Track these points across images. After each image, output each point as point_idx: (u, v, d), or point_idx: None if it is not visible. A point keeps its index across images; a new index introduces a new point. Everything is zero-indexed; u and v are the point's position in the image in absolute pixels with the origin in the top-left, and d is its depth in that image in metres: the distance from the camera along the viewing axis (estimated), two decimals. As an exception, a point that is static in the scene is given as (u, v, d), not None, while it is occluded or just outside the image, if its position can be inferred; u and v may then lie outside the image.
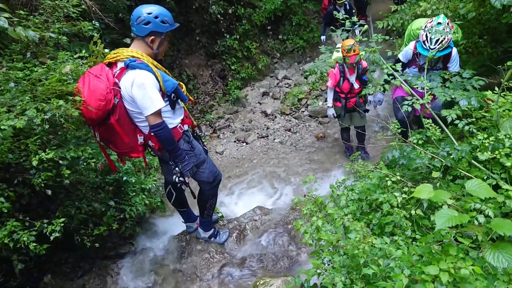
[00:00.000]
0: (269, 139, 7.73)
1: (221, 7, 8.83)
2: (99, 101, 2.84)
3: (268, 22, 10.13)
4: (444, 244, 1.85)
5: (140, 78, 2.90)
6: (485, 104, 2.51)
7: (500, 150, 2.16)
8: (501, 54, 3.83)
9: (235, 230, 4.33)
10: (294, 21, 10.58)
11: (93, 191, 3.86)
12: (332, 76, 5.55)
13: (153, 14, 2.99)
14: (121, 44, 5.24)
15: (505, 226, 1.70)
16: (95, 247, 3.60)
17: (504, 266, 1.61)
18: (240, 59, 9.71)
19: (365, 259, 1.91)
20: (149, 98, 2.91)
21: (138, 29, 3.00)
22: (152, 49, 3.10)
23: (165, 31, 3.10)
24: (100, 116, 2.92)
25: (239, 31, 9.56)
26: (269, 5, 9.92)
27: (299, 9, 10.78)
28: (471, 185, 1.93)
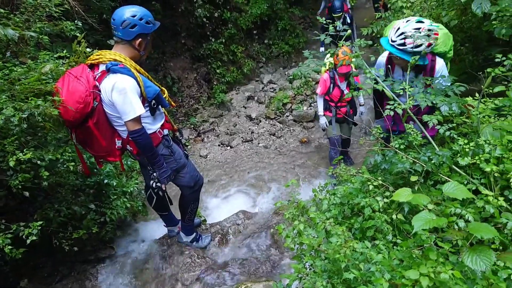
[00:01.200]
0: (254, 143, 7.73)
1: (207, 10, 8.82)
2: (77, 103, 2.78)
3: (254, 26, 10.16)
4: (424, 248, 1.85)
5: (121, 83, 2.84)
6: (466, 110, 2.53)
7: (480, 155, 2.18)
8: (482, 61, 3.89)
9: (218, 234, 4.29)
10: (280, 26, 10.63)
11: (73, 193, 3.78)
12: (322, 83, 5.38)
13: (138, 16, 2.92)
14: (105, 45, 5.18)
15: (483, 230, 1.71)
16: (74, 251, 3.53)
17: (482, 269, 1.61)
18: (226, 63, 9.70)
19: (346, 263, 1.90)
20: (130, 104, 2.86)
21: (124, 33, 2.92)
22: (139, 51, 3.06)
23: (150, 32, 3.06)
24: (78, 119, 2.86)
25: (225, 35, 9.56)
26: (255, 9, 9.95)
27: (285, 14, 10.84)
28: (449, 188, 1.95)
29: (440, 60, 3.29)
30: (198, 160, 7.37)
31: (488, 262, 1.64)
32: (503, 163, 2.15)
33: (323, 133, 7.47)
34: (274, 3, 10.35)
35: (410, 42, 2.92)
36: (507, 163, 2.12)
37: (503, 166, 2.12)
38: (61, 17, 3.89)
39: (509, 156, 2.15)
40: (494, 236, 1.72)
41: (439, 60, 3.28)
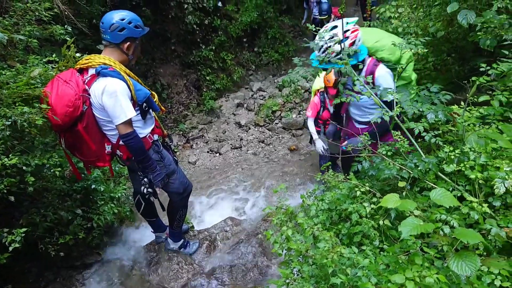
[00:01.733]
0: (243, 150, 7.74)
1: (197, 17, 8.85)
2: (66, 107, 2.77)
3: (244, 34, 10.22)
4: (410, 254, 1.88)
5: (112, 86, 2.83)
6: (452, 118, 2.57)
7: (465, 162, 2.22)
8: (467, 72, 3.95)
9: (205, 241, 4.28)
10: (270, 34, 10.70)
11: (60, 198, 3.75)
12: (313, 107, 5.32)
13: (126, 19, 2.93)
14: (95, 50, 5.17)
15: (468, 235, 1.74)
16: (60, 257, 3.50)
17: (467, 274, 1.63)
18: (216, 70, 9.73)
19: (334, 268, 1.92)
20: (120, 107, 2.85)
21: (112, 36, 2.92)
22: (128, 55, 3.06)
23: (139, 36, 3.06)
24: (67, 123, 2.84)
25: (215, 42, 9.59)
26: (245, 17, 10.01)
27: (275, 23, 10.92)
28: (436, 194, 1.97)
29: (383, 68, 3.20)
30: (187, 167, 7.36)
31: (473, 267, 1.66)
32: (487, 170, 2.18)
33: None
34: (264, 12, 10.43)
35: (331, 52, 2.89)
36: (491, 171, 2.15)
37: (487, 173, 2.15)
38: (50, 21, 3.88)
39: (493, 164, 2.19)
40: (479, 242, 1.75)
41: (381, 68, 3.20)
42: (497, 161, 2.19)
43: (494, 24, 3.03)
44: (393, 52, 3.16)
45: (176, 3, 8.46)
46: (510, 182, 1.99)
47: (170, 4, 8.39)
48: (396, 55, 3.17)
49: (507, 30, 2.88)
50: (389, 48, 3.11)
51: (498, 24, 3.00)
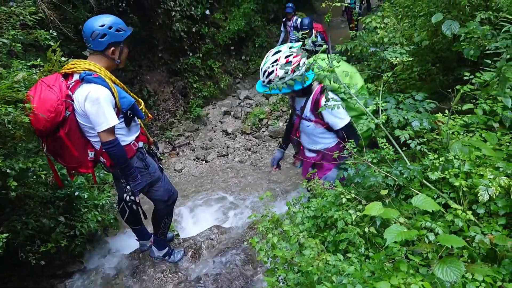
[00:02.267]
0: (229, 158, 7.71)
1: (185, 25, 8.86)
2: (48, 112, 2.73)
3: (231, 42, 10.24)
4: (395, 261, 1.88)
5: (95, 93, 2.79)
6: (436, 126, 2.60)
7: (450, 170, 2.23)
8: (452, 81, 3.99)
9: (191, 249, 4.23)
10: (257, 43, 10.74)
11: (42, 205, 3.68)
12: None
13: (107, 25, 2.86)
14: (80, 55, 5.11)
15: (452, 240, 1.75)
16: (41, 265, 3.42)
17: (452, 280, 1.64)
18: (203, 78, 9.72)
19: (319, 275, 1.90)
20: (103, 114, 2.81)
21: (95, 44, 2.87)
22: (114, 60, 3.02)
23: (123, 39, 3.01)
24: (48, 128, 2.80)
25: (203, 50, 9.60)
26: (233, 26, 10.04)
27: (263, 31, 10.98)
28: (417, 200, 1.98)
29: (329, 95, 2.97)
30: (173, 174, 7.30)
31: (458, 272, 1.67)
32: (471, 178, 2.20)
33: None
34: (252, 20, 10.48)
35: (274, 76, 2.87)
36: (475, 178, 2.17)
37: (471, 181, 2.17)
38: (35, 26, 3.84)
39: (477, 171, 2.21)
40: (463, 248, 1.76)
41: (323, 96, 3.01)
42: (480, 169, 2.21)
43: (477, 35, 3.08)
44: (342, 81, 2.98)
45: (163, 11, 8.46)
46: (494, 190, 2.01)
47: (157, 11, 8.39)
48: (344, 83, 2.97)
49: (490, 41, 2.92)
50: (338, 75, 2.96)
51: (481, 35, 3.05)
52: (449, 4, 3.69)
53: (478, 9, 3.50)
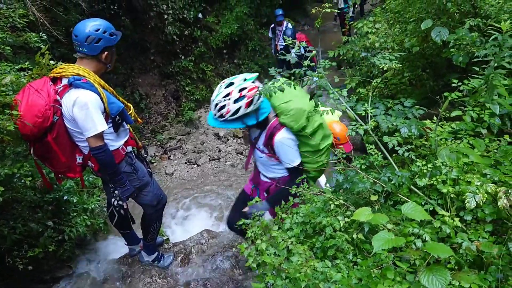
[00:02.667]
0: (221, 161, 7.70)
1: (177, 28, 8.84)
2: (35, 117, 2.70)
3: (224, 46, 10.23)
4: (383, 267, 1.88)
5: (83, 98, 2.76)
6: (425, 132, 2.61)
7: (438, 177, 2.24)
8: (442, 87, 4.03)
9: (180, 253, 4.21)
10: (250, 46, 10.74)
11: (30, 210, 3.65)
12: None
13: (101, 29, 2.85)
14: (71, 58, 5.10)
15: (439, 249, 1.75)
16: (29, 270, 3.38)
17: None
18: (195, 81, 9.70)
19: (307, 282, 1.90)
20: (91, 120, 2.79)
21: (90, 48, 2.84)
22: (106, 64, 3.01)
23: (115, 44, 3.00)
24: (36, 133, 2.77)
25: (195, 53, 9.58)
26: (225, 29, 10.03)
27: (255, 35, 10.98)
28: (407, 208, 1.99)
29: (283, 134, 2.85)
30: (164, 178, 7.27)
31: (444, 281, 1.67)
32: (459, 184, 2.21)
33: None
34: (245, 24, 10.48)
35: (226, 111, 2.65)
36: (463, 185, 2.18)
37: (459, 188, 2.18)
38: (25, 28, 3.81)
39: (465, 178, 2.22)
40: (450, 256, 1.76)
41: (282, 133, 2.84)
42: (468, 176, 2.22)
43: (466, 41, 3.11)
44: (297, 119, 2.81)
45: (156, 14, 8.43)
46: (481, 197, 2.02)
47: (150, 14, 8.36)
48: (300, 123, 2.81)
49: (478, 47, 2.95)
50: (295, 113, 2.80)
51: (470, 42, 3.07)
52: (439, 10, 3.72)
53: (467, 16, 3.54)
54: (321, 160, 3.02)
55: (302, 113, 2.80)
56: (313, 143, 2.91)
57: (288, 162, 2.95)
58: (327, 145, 3.04)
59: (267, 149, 3.00)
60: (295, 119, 2.80)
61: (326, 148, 3.04)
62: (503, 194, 1.97)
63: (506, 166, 2.35)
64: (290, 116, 2.80)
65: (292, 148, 2.91)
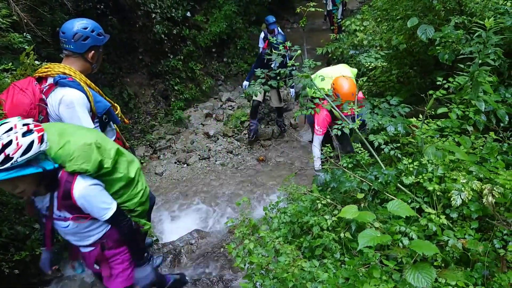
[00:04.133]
0: (211, 160, 7.66)
1: (165, 27, 8.77)
2: (21, 116, 2.66)
3: (213, 44, 10.18)
4: (370, 266, 1.88)
5: (69, 97, 2.72)
6: (411, 130, 2.62)
7: (424, 175, 2.25)
8: (429, 84, 4.04)
9: (170, 254, 4.19)
10: (239, 44, 10.71)
11: (16, 212, 3.61)
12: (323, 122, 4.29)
13: (89, 28, 2.85)
14: (58, 58, 5.02)
15: (424, 247, 1.76)
16: (15, 274, 3.34)
17: (423, 286, 1.65)
18: (184, 80, 9.64)
19: (294, 282, 1.90)
20: (78, 118, 2.75)
21: (76, 46, 2.83)
22: (92, 64, 2.99)
23: (102, 44, 2.99)
24: None
25: (184, 52, 9.52)
26: (214, 27, 9.99)
27: (244, 33, 10.95)
28: (393, 206, 1.99)
29: (81, 183, 2.22)
30: (153, 178, 7.22)
31: (429, 279, 1.68)
32: (445, 182, 2.22)
33: (280, 151, 7.54)
34: (234, 22, 10.44)
35: (14, 150, 1.91)
36: (449, 182, 2.19)
37: (445, 185, 2.19)
38: (9, 28, 3.76)
39: (451, 176, 2.23)
40: (435, 253, 1.77)
41: (80, 184, 2.22)
42: (454, 173, 2.24)
43: (452, 39, 3.12)
44: (87, 158, 2.25)
45: (143, 13, 8.37)
46: (466, 194, 2.03)
47: (137, 13, 8.29)
48: (94, 160, 2.27)
49: (464, 45, 2.96)
50: (80, 153, 2.23)
51: (455, 39, 3.09)
52: (425, 8, 3.73)
53: (452, 13, 3.55)
54: (138, 190, 2.59)
55: (89, 148, 2.27)
56: (121, 175, 2.44)
57: (104, 214, 2.38)
58: (137, 170, 2.62)
59: (69, 211, 2.32)
60: (85, 159, 2.23)
61: (138, 174, 2.61)
62: (488, 192, 1.98)
63: (492, 163, 2.37)
64: (77, 159, 2.21)
65: (101, 195, 2.36)
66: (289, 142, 7.95)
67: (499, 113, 2.75)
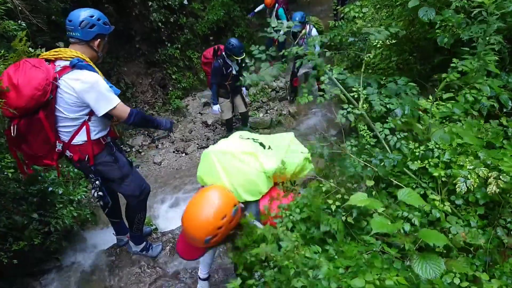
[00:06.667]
0: (209, 150, 7.64)
1: (162, 15, 8.66)
2: (35, 89, 2.67)
3: (210, 32, 10.09)
4: (372, 252, 1.86)
5: (91, 77, 2.83)
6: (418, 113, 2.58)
7: (430, 159, 2.22)
8: (429, 70, 4.00)
9: (169, 243, 4.17)
10: (237, 33, 10.62)
11: (14, 202, 3.57)
12: None
13: (95, 16, 2.94)
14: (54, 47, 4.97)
15: (432, 236, 1.73)
16: (14, 264, 3.32)
17: (431, 277, 1.62)
18: (182, 69, 9.55)
19: (296, 270, 1.87)
20: (106, 94, 2.88)
21: (83, 33, 2.90)
22: (97, 52, 3.05)
23: (108, 33, 3.07)
24: (31, 107, 2.72)
25: (181, 40, 9.41)
26: (212, 15, 9.89)
27: (242, 21, 10.85)
28: (403, 194, 1.97)
29: None
30: (152, 167, 7.20)
31: (438, 270, 1.65)
32: (451, 168, 2.19)
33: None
34: (231, 10, 10.34)
35: None
36: (455, 168, 2.16)
37: (451, 171, 2.16)
38: (3, 16, 3.70)
39: (457, 161, 2.19)
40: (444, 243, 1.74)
41: None
42: (461, 158, 2.19)
43: (451, 23, 3.07)
44: None
45: (140, 0, 8.26)
46: (472, 182, 2.00)
47: (134, 1, 8.18)
48: None
49: (463, 29, 2.92)
50: None
51: (455, 23, 3.04)
52: (425, -9, 3.67)
53: (453, -4, 3.49)
54: None
55: None
56: None
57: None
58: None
59: None
60: None
61: None
62: (494, 180, 1.95)
63: (498, 148, 2.34)
64: None
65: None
66: (288, 130, 7.91)
67: (502, 98, 2.71)
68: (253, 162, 2.42)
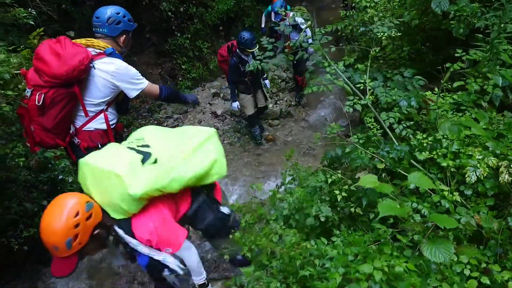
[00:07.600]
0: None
1: (172, 4, 8.63)
2: (79, 62, 2.73)
3: (220, 22, 10.04)
4: (381, 242, 1.84)
5: (123, 64, 3.00)
6: (425, 105, 2.55)
7: (438, 150, 2.19)
8: (441, 61, 3.95)
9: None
10: (246, 23, 10.56)
11: (25, 189, 3.62)
12: None
13: (121, 13, 3.11)
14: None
15: (443, 220, 1.73)
16: (24, 251, 3.36)
17: (440, 261, 1.61)
18: (191, 59, 9.53)
19: (302, 260, 1.87)
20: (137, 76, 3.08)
21: (110, 29, 3.06)
22: (121, 47, 3.19)
23: (132, 29, 3.23)
24: (71, 78, 2.76)
25: (191, 30, 9.38)
26: (221, 5, 9.84)
27: (252, 11, 10.78)
28: (413, 178, 1.96)
29: None
30: (161, 157, 7.22)
31: (447, 254, 1.64)
32: (459, 158, 2.16)
33: (288, 131, 7.48)
34: (241, 0, 10.28)
35: None
36: (463, 159, 2.13)
37: (460, 161, 2.13)
38: (13, 4, 3.72)
39: (466, 151, 2.17)
40: (455, 227, 1.73)
41: None
42: (469, 149, 2.17)
43: (466, 13, 3.02)
44: None
45: (150, -10, 8.25)
46: (482, 171, 1.97)
47: (143, -10, 8.17)
48: None
49: (479, 19, 2.86)
50: None
51: (470, 13, 2.99)
52: (439, -20, 3.61)
53: (468, -15, 3.43)
54: None
55: None
56: None
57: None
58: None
59: None
60: None
61: None
62: (505, 169, 1.92)
63: (509, 139, 2.30)
64: None
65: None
66: (297, 121, 7.88)
67: (516, 88, 2.67)
68: (118, 184, 2.22)
